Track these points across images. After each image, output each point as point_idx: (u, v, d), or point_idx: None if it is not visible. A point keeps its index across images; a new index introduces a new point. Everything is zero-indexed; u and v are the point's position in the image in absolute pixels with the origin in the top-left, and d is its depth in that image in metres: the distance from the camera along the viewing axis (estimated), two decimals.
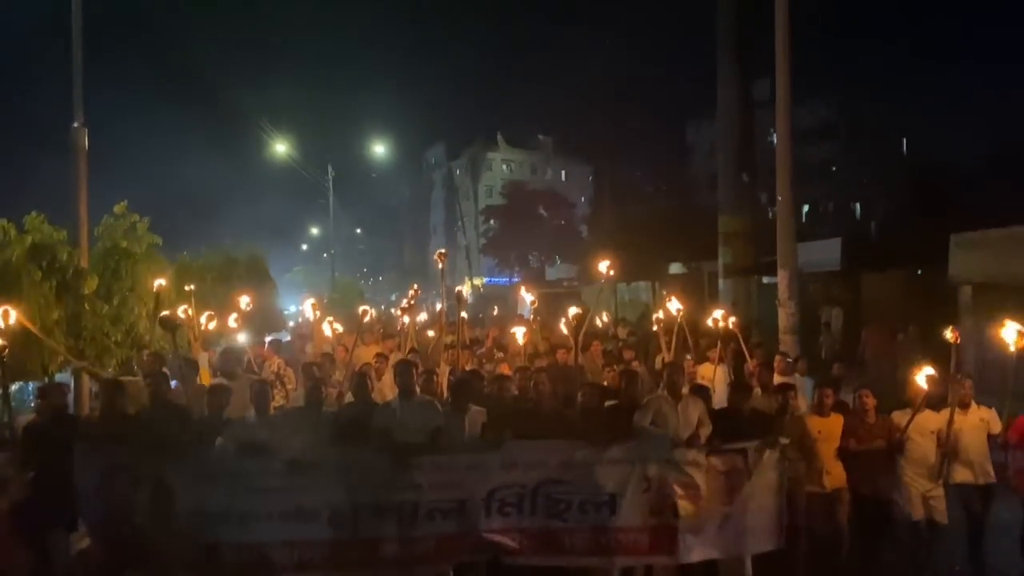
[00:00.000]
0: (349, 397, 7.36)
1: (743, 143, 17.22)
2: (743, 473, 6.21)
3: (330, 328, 11.47)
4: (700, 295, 22.88)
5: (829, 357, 13.63)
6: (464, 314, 10.25)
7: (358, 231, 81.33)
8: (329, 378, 8.45)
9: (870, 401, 7.12)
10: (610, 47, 72.11)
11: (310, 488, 5.85)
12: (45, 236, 9.41)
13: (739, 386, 7.48)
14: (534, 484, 6.02)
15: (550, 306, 18.65)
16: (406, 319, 12.12)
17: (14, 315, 6.39)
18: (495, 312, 29.69)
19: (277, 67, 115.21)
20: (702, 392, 7.18)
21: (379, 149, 42.54)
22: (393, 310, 24.79)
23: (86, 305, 9.32)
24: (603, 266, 9.89)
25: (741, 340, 9.66)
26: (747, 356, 9.49)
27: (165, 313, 8.40)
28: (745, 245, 16.78)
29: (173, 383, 7.36)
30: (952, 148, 44.24)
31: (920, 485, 6.99)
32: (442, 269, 11.27)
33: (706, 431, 6.53)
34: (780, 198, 12.37)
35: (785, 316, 12.22)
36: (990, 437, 7.02)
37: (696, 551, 6.13)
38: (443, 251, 11.10)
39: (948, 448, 6.91)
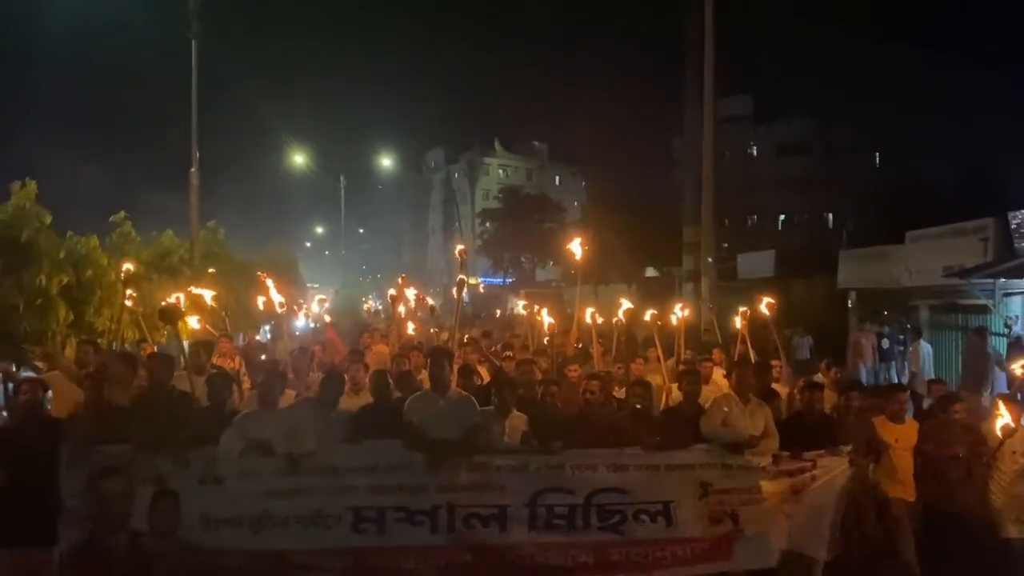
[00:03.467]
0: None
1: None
2: (808, 479, 5.87)
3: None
4: (671, 297, 26.73)
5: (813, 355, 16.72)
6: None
7: (360, 231, 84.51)
8: (305, 376, 7.83)
9: (957, 407, 6.73)
10: (604, 63, 74.92)
11: (331, 490, 5.28)
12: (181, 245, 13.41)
13: (810, 385, 6.82)
14: (586, 494, 5.49)
15: (534, 305, 21.99)
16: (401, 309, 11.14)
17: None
18: (498, 313, 31.64)
19: (283, 74, 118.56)
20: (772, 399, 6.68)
21: (386, 162, 46.15)
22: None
23: None
24: (575, 247, 9.06)
25: (747, 342, 9.32)
26: (752, 358, 8.81)
27: (165, 303, 8.08)
28: None
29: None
30: (921, 163, 47.80)
31: (1007, 501, 6.33)
32: (461, 263, 9.07)
33: (774, 443, 6.00)
34: (703, 221, 16.25)
35: (705, 311, 16.01)
36: None
37: (753, 558, 5.73)
38: (463, 247, 9.25)
39: None
